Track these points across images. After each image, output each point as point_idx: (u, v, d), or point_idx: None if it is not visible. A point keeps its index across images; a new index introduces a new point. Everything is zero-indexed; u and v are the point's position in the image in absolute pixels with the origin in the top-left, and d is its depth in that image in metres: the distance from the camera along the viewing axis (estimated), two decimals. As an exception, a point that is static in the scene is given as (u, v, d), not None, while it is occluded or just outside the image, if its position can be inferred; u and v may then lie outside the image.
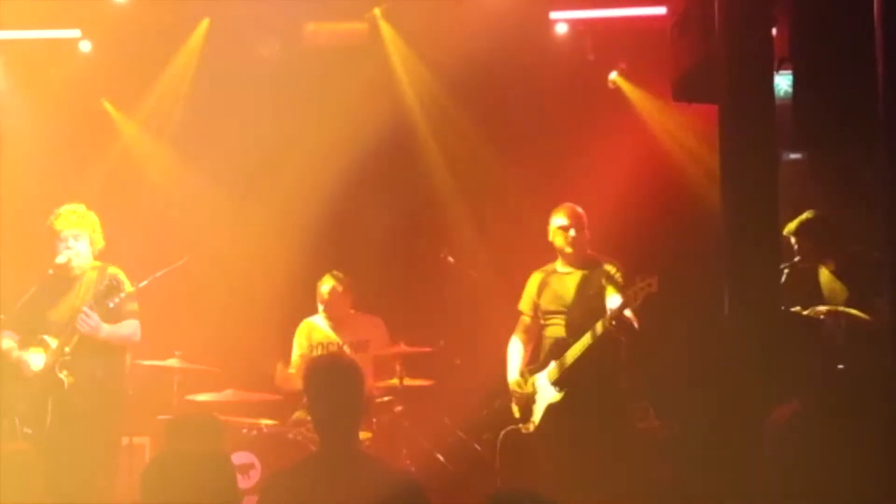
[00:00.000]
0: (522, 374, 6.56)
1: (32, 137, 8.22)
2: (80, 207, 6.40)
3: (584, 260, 6.51)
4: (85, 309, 6.11)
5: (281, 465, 4.15)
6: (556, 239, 6.53)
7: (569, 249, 6.49)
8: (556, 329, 6.47)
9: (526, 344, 6.67)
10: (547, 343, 6.50)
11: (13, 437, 6.24)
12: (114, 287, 6.16)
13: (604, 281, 6.34)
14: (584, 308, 6.37)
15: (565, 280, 6.52)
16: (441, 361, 7.41)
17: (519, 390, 6.53)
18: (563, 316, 6.45)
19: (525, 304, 6.68)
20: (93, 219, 6.40)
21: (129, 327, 6.34)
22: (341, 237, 8.22)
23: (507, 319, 7.00)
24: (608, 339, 6.19)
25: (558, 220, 6.51)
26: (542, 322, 6.57)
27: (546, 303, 6.54)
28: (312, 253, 8.03)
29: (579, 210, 6.53)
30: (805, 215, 6.42)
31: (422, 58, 8.20)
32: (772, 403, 5.46)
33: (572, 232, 6.46)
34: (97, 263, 6.40)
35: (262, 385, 7.22)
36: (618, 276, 6.34)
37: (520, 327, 6.71)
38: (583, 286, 6.43)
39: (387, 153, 8.29)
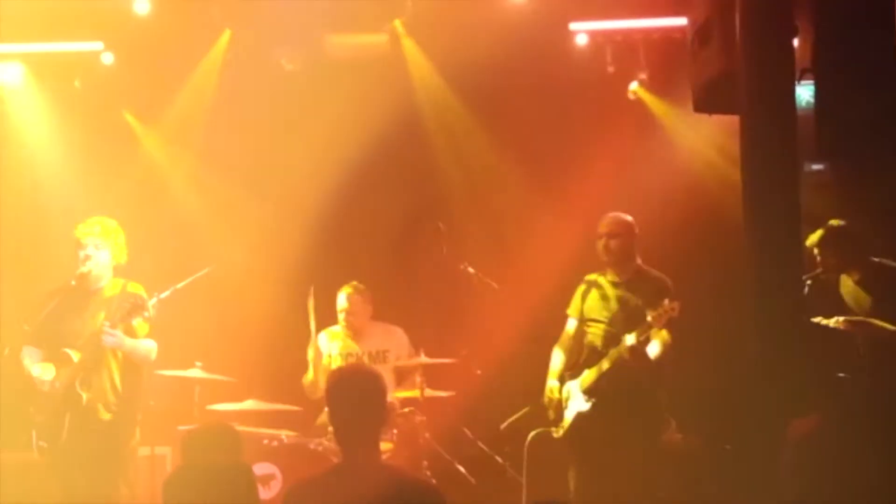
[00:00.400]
0: (560, 379, 6.57)
1: (55, 149, 8.28)
2: (107, 220, 6.42)
3: (630, 271, 6.54)
4: (107, 326, 6.13)
5: (302, 476, 4.14)
6: (597, 247, 6.56)
7: (604, 258, 6.54)
8: (594, 338, 6.51)
9: (569, 349, 6.68)
10: (585, 351, 6.55)
11: (28, 450, 6.25)
12: (138, 305, 6.20)
13: (643, 297, 6.36)
14: (623, 320, 6.39)
15: (608, 290, 6.54)
16: (462, 372, 7.40)
17: (553, 395, 6.55)
18: (602, 325, 6.49)
19: (571, 310, 6.71)
20: (117, 232, 6.41)
21: (148, 345, 6.38)
22: (362, 247, 8.23)
23: (528, 330, 6.98)
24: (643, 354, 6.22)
25: (598, 229, 6.57)
26: (584, 329, 6.59)
27: (588, 310, 6.59)
28: (333, 263, 8.04)
29: (623, 218, 6.57)
30: (828, 226, 6.40)
31: (442, 69, 8.21)
32: (794, 416, 5.44)
33: (604, 241, 6.50)
34: (120, 280, 6.42)
35: (283, 396, 7.22)
36: (653, 294, 6.33)
37: (565, 331, 6.73)
38: (624, 298, 6.47)
39: (408, 164, 8.32)
